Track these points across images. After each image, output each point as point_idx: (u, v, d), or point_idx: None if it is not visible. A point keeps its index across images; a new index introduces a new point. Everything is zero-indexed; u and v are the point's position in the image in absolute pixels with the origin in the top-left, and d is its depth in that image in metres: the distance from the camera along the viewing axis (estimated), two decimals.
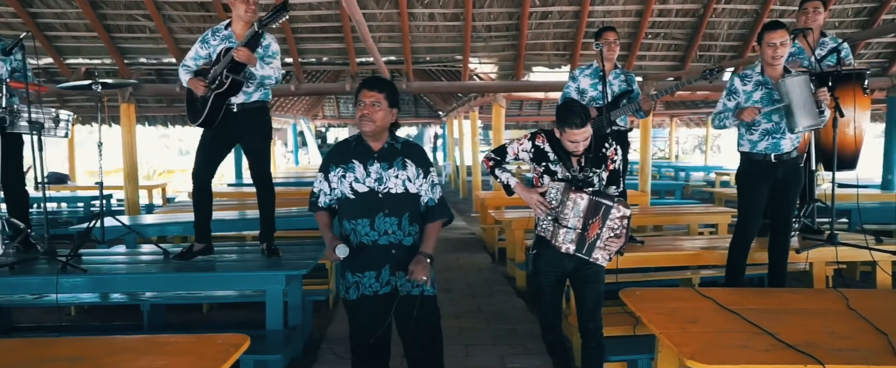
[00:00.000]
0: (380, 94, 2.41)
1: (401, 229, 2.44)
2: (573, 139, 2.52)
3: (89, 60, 7.48)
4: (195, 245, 3.46)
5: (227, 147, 3.53)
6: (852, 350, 1.91)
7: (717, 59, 7.84)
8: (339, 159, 2.49)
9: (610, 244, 2.50)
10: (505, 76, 8.05)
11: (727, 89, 3.47)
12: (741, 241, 3.50)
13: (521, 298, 5.04)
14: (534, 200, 2.61)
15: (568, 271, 2.67)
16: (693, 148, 29.76)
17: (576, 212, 2.48)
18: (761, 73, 3.39)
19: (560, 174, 2.62)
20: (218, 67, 3.28)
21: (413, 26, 7.29)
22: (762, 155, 3.38)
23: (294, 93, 7.96)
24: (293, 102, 14.96)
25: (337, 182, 2.47)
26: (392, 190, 2.44)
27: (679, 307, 2.42)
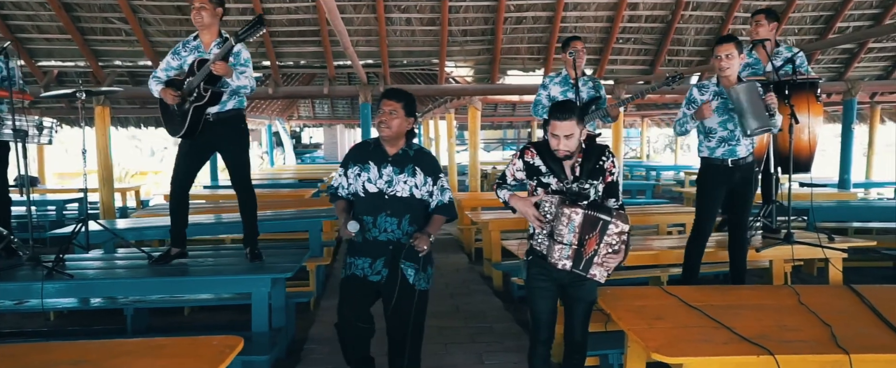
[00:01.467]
0: (397, 104, 2.68)
1: (400, 229, 2.72)
2: (555, 132, 2.46)
3: (62, 63, 7.42)
4: (172, 249, 3.53)
5: (206, 155, 3.60)
6: (800, 342, 2.10)
7: (685, 63, 8.13)
8: (358, 158, 2.79)
9: (608, 260, 2.40)
10: (480, 79, 8.23)
11: (686, 99, 3.69)
12: (699, 240, 3.70)
13: (498, 297, 5.19)
14: (529, 213, 2.51)
15: (563, 282, 2.58)
16: (664, 147, 30.44)
17: (570, 228, 2.37)
18: (717, 84, 3.61)
19: (554, 186, 2.54)
20: (194, 80, 3.34)
21: (390, 30, 7.40)
22: (720, 160, 3.60)
23: (272, 96, 8.00)
24: (268, 103, 14.92)
25: (353, 178, 2.77)
26: (398, 193, 2.72)
27: (647, 304, 2.60)
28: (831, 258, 3.85)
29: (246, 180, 3.60)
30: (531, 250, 2.63)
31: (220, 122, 3.47)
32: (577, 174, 2.53)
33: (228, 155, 3.54)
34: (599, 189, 2.55)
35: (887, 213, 6.37)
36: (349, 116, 18.99)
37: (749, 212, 3.69)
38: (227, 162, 3.56)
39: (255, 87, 3.55)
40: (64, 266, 3.41)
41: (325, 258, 5.27)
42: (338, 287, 5.41)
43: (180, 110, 3.43)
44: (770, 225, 4.10)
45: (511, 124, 21.99)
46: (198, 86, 3.35)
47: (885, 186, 10.10)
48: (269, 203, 7.20)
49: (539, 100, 4.54)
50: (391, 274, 2.71)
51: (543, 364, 2.67)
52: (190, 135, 3.42)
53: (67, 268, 3.38)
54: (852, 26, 7.66)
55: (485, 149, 24.63)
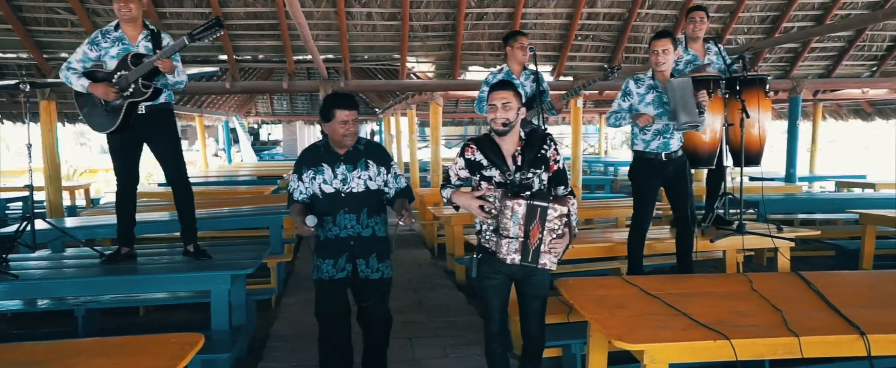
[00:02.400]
0: (355, 112, 2.77)
1: (359, 223, 2.82)
2: (493, 102, 2.45)
3: (3, 54, 7.06)
4: (122, 249, 3.42)
5: (139, 149, 3.48)
6: (753, 326, 2.18)
7: (642, 60, 8.32)
8: (310, 163, 2.86)
9: (555, 245, 2.38)
10: (442, 75, 8.22)
11: (622, 91, 3.78)
12: (639, 232, 3.78)
13: (462, 291, 5.22)
14: (473, 206, 2.46)
15: (517, 277, 2.55)
16: (621, 143, 31.16)
17: (515, 220, 2.35)
18: (653, 77, 3.71)
19: (497, 178, 2.49)
20: (132, 75, 3.24)
21: (351, 25, 7.33)
22: (654, 153, 3.70)
23: (229, 91, 7.80)
24: (225, 99, 14.56)
25: (309, 182, 2.85)
26: (354, 189, 2.81)
27: (608, 294, 2.65)
28: (780, 247, 4.01)
29: (181, 174, 3.50)
30: (479, 247, 2.59)
31: (152, 116, 3.37)
32: (519, 164, 2.49)
33: (161, 148, 3.45)
34: (543, 178, 2.52)
35: (830, 205, 6.69)
36: (308, 112, 18.70)
37: (690, 204, 3.80)
38: (160, 156, 3.46)
39: (187, 82, 3.47)
40: (7, 266, 3.26)
41: (286, 255, 5.19)
42: (299, 284, 5.43)
43: (110, 105, 3.31)
44: (723, 216, 4.25)
45: (472, 120, 22.04)
46: (136, 81, 3.25)
47: (827, 180, 10.59)
48: (226, 200, 7.06)
49: (482, 96, 4.56)
50: (355, 268, 2.83)
51: (501, 358, 2.63)
52: (122, 130, 3.32)
53: (11, 269, 3.24)
54: (797, 26, 7.99)
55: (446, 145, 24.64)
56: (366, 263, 2.85)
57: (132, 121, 3.31)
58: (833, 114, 12.55)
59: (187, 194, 3.52)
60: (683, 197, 3.72)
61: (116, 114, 3.28)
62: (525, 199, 2.35)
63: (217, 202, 6.65)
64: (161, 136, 3.41)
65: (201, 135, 14.18)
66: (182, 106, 11.93)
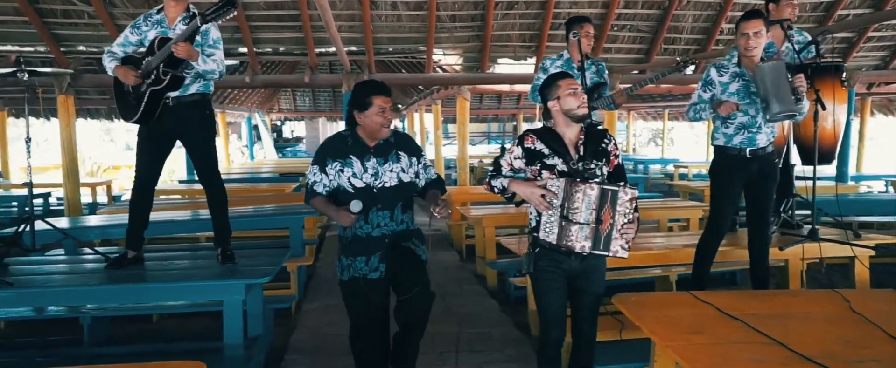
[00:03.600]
0: (391, 100, 2.63)
1: (393, 220, 2.65)
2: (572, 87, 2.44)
3: (20, 48, 6.88)
4: (129, 252, 3.13)
5: (168, 145, 3.20)
6: (874, 361, 1.78)
7: (682, 52, 7.84)
8: (335, 153, 2.65)
9: (627, 231, 2.32)
10: (469, 68, 7.85)
11: (703, 80, 3.37)
12: (713, 238, 3.39)
13: (494, 299, 4.86)
14: (536, 194, 2.36)
15: (574, 272, 2.45)
16: (647, 141, 30.40)
17: (587, 205, 2.29)
18: (737, 64, 3.29)
19: (560, 166, 2.42)
20: (153, 60, 2.95)
21: (375, 15, 7.00)
22: (737, 149, 3.29)
23: (249, 85, 7.54)
24: (248, 95, 14.37)
25: (334, 175, 2.64)
26: (386, 183, 2.63)
27: (680, 314, 2.26)
28: (859, 255, 3.56)
29: (214, 173, 3.20)
30: (536, 241, 2.46)
31: (182, 108, 3.07)
32: (582, 154, 2.46)
33: (192, 144, 3.15)
34: (604, 171, 2.47)
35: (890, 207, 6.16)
36: (331, 109, 18.47)
37: (770, 208, 3.38)
38: (191, 152, 3.18)
39: (224, 72, 3.17)
40: (6, 271, 2.99)
41: (307, 258, 4.89)
42: (320, 288, 5.12)
43: (136, 93, 3.04)
44: (790, 220, 3.81)
45: (496, 117, 21.64)
46: (156, 67, 2.96)
47: (877, 179, 9.97)
48: (248, 198, 6.79)
49: (537, 84, 4.19)
50: (390, 266, 2.64)
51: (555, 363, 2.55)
52: (144, 120, 3.04)
53: (11, 273, 2.97)
54: (852, 14, 7.43)
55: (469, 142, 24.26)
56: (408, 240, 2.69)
57: (157, 112, 3.02)
58: (881, 109, 11.87)
59: (219, 195, 3.22)
60: (766, 200, 3.30)
61: (139, 103, 3.02)
62: (598, 183, 2.32)
63: (238, 200, 6.37)
64: (190, 131, 3.11)
65: (224, 132, 14.03)
66: None
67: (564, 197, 2.32)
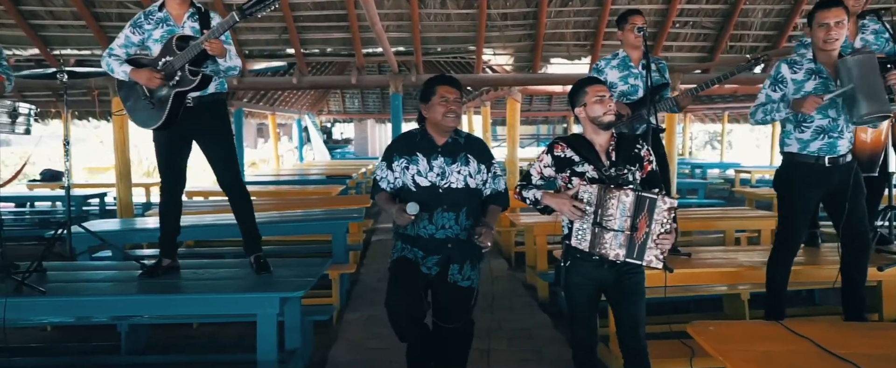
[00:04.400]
0: (459, 92, 2.54)
1: (458, 223, 2.54)
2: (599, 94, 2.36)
3: (78, 51, 7.03)
4: (163, 260, 3.00)
5: (187, 147, 3.06)
6: None
7: (750, 49, 7.31)
8: (403, 150, 2.59)
9: (663, 241, 2.23)
10: (521, 68, 7.55)
11: (772, 78, 2.99)
12: (785, 259, 3.01)
13: (545, 312, 4.56)
14: (567, 205, 2.31)
15: (607, 283, 2.41)
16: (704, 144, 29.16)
17: (622, 211, 2.24)
18: (813, 60, 2.90)
19: (590, 173, 2.38)
20: (177, 60, 2.80)
21: (423, 14, 6.80)
22: (814, 157, 2.90)
23: (296, 87, 7.49)
24: (298, 97, 14.48)
25: (400, 172, 2.58)
26: (453, 185, 2.53)
27: (771, 350, 1.94)
28: None
29: (235, 175, 3.04)
30: (569, 250, 2.41)
31: (201, 108, 2.93)
32: (614, 159, 2.40)
33: (211, 145, 2.99)
34: (637, 177, 2.40)
35: None
36: (380, 110, 18.48)
37: (866, 222, 2.96)
38: (210, 154, 3.01)
39: (241, 67, 3.03)
40: (44, 277, 2.92)
41: (350, 265, 4.71)
42: (363, 297, 4.93)
43: (155, 96, 2.88)
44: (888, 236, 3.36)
45: (546, 119, 21.18)
46: (182, 68, 2.81)
47: None
48: (297, 201, 6.71)
49: None
50: (442, 273, 2.56)
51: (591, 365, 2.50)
52: (169, 125, 2.89)
53: (47, 279, 2.89)
54: None
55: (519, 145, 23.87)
56: (459, 269, 2.58)
57: (180, 114, 2.88)
58: None
59: (243, 199, 3.07)
60: (854, 213, 2.88)
61: (163, 107, 2.86)
62: (633, 190, 2.25)
63: (282, 203, 6.30)
64: (210, 132, 2.98)
65: (273, 134, 14.18)
66: (255, 104, 11.88)
67: (598, 203, 2.27)
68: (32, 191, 9.44)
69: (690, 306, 4.30)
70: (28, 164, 12.97)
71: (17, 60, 6.99)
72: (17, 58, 6.98)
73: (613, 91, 3.72)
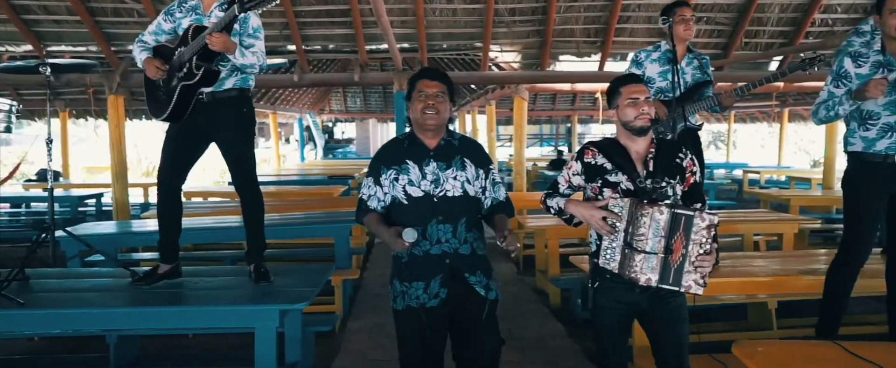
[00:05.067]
0: (442, 85, 2.23)
1: (456, 236, 2.21)
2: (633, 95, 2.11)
3: (73, 47, 6.82)
4: (161, 266, 2.79)
5: (200, 145, 2.86)
6: None
7: (764, 46, 7.10)
8: (390, 160, 2.28)
9: (702, 263, 1.97)
10: (528, 65, 7.34)
11: (834, 73, 2.78)
12: (850, 268, 2.80)
13: (559, 320, 4.35)
14: (596, 217, 2.07)
15: (641, 308, 2.15)
16: (708, 144, 28.90)
17: (655, 231, 1.97)
18: (881, 52, 2.69)
19: (624, 184, 2.12)
20: (186, 52, 2.61)
21: (429, 9, 6.59)
22: (882, 155, 2.71)
23: (297, 85, 7.27)
24: (299, 95, 14.27)
25: (389, 185, 2.26)
26: (449, 192, 2.22)
27: None
28: None
29: (251, 179, 2.84)
30: (597, 270, 2.17)
31: (217, 105, 2.74)
32: (651, 169, 2.13)
33: (226, 145, 2.80)
34: (678, 191, 2.14)
35: None
36: (382, 110, 18.26)
37: None
38: (226, 154, 2.82)
39: (264, 65, 2.82)
40: (28, 286, 2.71)
41: (353, 270, 4.50)
42: (367, 303, 4.72)
43: (166, 87, 2.71)
44: None
45: (550, 119, 20.92)
46: (189, 60, 2.62)
47: None
48: (297, 202, 6.50)
49: None
50: (452, 292, 2.21)
51: None
52: (175, 118, 2.72)
53: (30, 289, 2.68)
54: None
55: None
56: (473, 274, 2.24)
57: (190, 108, 2.69)
58: None
59: (254, 204, 2.86)
60: None
61: (169, 99, 2.70)
62: (668, 206, 1.99)
63: (283, 205, 6.09)
64: (228, 130, 2.77)
65: (274, 133, 13.98)
66: (255, 103, 11.67)
67: (629, 220, 2.01)
68: (28, 192, 9.24)
69: (712, 314, 4.09)
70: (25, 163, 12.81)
71: (10, 57, 6.78)
72: (11, 54, 6.77)
73: (650, 86, 3.43)
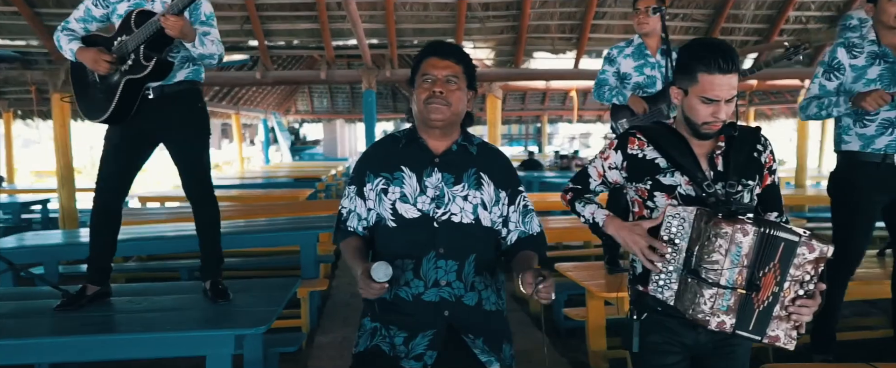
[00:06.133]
0: (457, 67, 1.64)
1: (461, 279, 1.63)
2: (712, 94, 1.52)
3: (11, 42, 6.30)
4: (88, 287, 2.42)
5: (145, 150, 2.49)
6: None
7: (740, 43, 7.02)
8: (381, 164, 1.70)
9: (801, 310, 1.45)
10: (502, 63, 7.12)
11: (826, 64, 2.58)
12: (841, 277, 2.61)
13: (540, 329, 4.09)
14: (641, 245, 1.57)
15: (702, 351, 1.65)
16: None
17: (734, 257, 1.43)
18: (877, 42, 2.51)
19: (683, 189, 1.60)
20: (131, 40, 2.25)
21: (399, 4, 6.30)
22: (880, 155, 2.52)
23: (260, 83, 6.90)
24: (263, 95, 13.79)
25: (375, 197, 1.69)
26: (455, 217, 1.63)
27: None
28: None
29: (206, 185, 2.49)
30: (640, 300, 1.65)
31: (166, 101, 2.37)
32: (721, 169, 1.61)
33: (179, 147, 2.44)
34: (754, 195, 1.63)
35: None
36: (349, 110, 17.85)
37: None
38: (178, 157, 2.46)
39: (223, 55, 2.47)
40: None
41: (320, 281, 4.17)
42: (335, 314, 4.39)
43: (104, 83, 2.34)
44: None
45: (520, 119, 20.84)
46: (136, 50, 2.26)
47: None
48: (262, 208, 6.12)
49: (604, 79, 3.40)
50: (444, 358, 1.60)
51: None
52: (117, 119, 2.34)
53: None
54: None
55: None
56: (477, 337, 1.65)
57: (135, 107, 2.33)
58: None
59: (210, 214, 2.51)
60: None
61: (111, 97, 2.31)
62: (754, 224, 1.44)
63: (246, 210, 5.71)
64: (178, 131, 2.42)
65: (238, 135, 13.47)
66: (217, 102, 11.17)
67: (694, 237, 1.49)
68: None
69: None
70: None
71: None
72: None
73: (628, 82, 3.29)
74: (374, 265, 1.45)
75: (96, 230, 2.44)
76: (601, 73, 3.42)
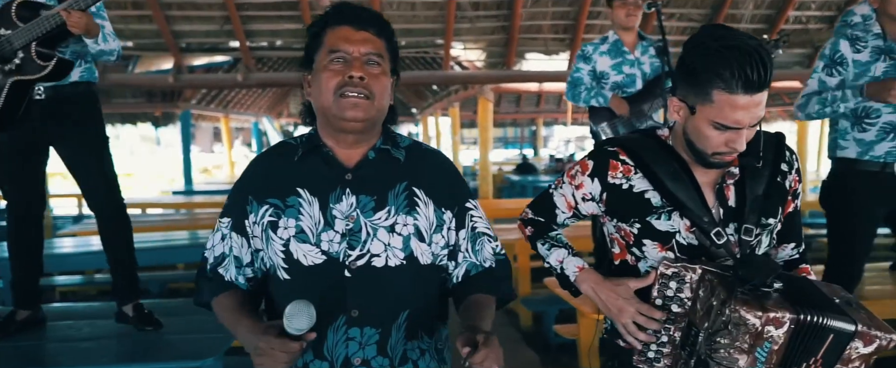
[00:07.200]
0: (379, 40, 1.14)
1: (386, 352, 1.14)
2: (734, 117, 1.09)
3: None
4: (19, 312, 2.17)
5: (39, 156, 2.21)
6: None
7: None
8: (267, 187, 1.17)
9: None
10: (494, 64, 6.90)
11: (827, 58, 2.34)
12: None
13: (530, 346, 3.88)
14: (627, 315, 1.20)
15: None
16: None
17: (760, 354, 1.04)
18: (882, 36, 2.28)
19: (683, 237, 1.22)
20: (17, 36, 1.97)
21: (385, 4, 6.07)
22: (880, 163, 2.28)
23: (242, 85, 6.66)
24: (254, 98, 13.52)
25: (261, 233, 1.16)
26: (377, 259, 1.12)
27: None
28: None
29: (111, 192, 2.19)
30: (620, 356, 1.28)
31: (59, 104, 2.09)
32: (733, 204, 1.21)
33: (77, 154, 2.15)
34: (774, 234, 1.26)
35: None
36: None
37: None
38: (72, 164, 2.17)
39: (121, 52, 2.23)
40: None
41: None
42: None
43: None
44: None
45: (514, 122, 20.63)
46: (24, 48, 1.99)
47: None
48: None
49: (579, 78, 3.12)
50: None
51: None
52: (6, 126, 2.03)
53: None
54: None
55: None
56: None
57: (22, 111, 2.05)
58: None
59: (120, 226, 2.24)
60: None
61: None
62: (793, 311, 1.02)
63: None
64: (74, 136, 2.15)
65: (227, 139, 13.24)
66: (205, 106, 10.91)
67: (700, 310, 1.12)
68: None
69: None
70: None
71: None
72: None
73: (606, 82, 3.06)
74: (290, 308, 0.97)
75: (14, 248, 2.19)
76: (575, 72, 3.16)
